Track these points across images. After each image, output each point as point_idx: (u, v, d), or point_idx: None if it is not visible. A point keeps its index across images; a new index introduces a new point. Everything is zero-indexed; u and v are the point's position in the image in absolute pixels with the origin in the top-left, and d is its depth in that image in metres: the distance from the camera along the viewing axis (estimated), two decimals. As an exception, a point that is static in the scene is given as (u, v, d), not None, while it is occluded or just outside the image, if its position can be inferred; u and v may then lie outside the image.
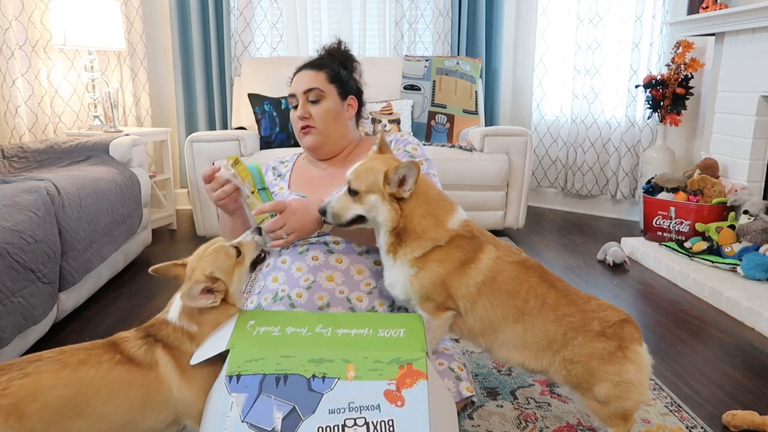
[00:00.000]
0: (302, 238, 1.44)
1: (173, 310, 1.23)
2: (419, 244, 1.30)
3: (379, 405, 1.03)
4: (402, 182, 1.28)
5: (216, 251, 1.26)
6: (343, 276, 1.51)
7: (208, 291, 1.20)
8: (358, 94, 1.74)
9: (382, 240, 1.34)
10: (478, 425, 1.59)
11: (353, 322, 1.23)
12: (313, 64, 1.68)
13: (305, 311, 1.42)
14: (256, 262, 1.34)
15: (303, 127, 1.64)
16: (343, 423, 1.02)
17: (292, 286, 1.50)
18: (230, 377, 1.09)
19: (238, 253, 1.28)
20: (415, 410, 1.02)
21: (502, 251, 1.34)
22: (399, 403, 1.04)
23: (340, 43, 1.76)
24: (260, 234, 1.36)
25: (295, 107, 1.66)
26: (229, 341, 1.15)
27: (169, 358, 1.15)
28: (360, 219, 1.33)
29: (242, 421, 1.04)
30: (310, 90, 1.63)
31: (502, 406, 1.69)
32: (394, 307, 1.51)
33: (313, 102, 1.63)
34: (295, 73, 1.69)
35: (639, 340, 1.32)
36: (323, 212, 1.35)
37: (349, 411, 1.03)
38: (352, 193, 1.31)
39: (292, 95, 1.66)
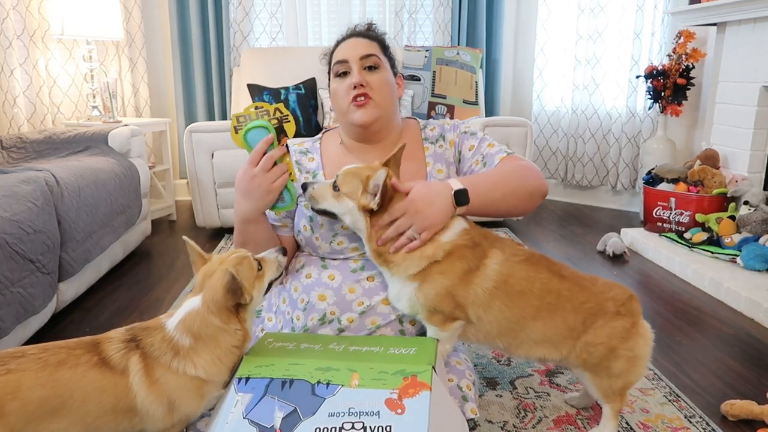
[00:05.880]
0: (437, 231, 1.27)
1: (177, 315, 1.16)
2: (411, 262, 1.26)
3: (378, 411, 1.04)
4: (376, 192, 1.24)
5: (239, 258, 1.19)
6: None
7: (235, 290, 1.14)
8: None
9: (365, 247, 1.32)
10: (477, 415, 1.60)
11: (367, 341, 1.27)
12: (362, 34, 1.48)
13: (325, 334, 1.38)
14: (271, 285, 1.28)
15: (357, 97, 1.40)
16: (341, 425, 1.02)
17: (344, 310, 1.37)
18: (239, 379, 1.13)
19: (260, 268, 1.22)
20: (414, 419, 1.02)
21: (508, 252, 1.32)
22: (399, 411, 1.04)
23: (371, 25, 1.56)
24: (284, 254, 1.29)
25: (341, 75, 1.44)
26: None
27: (140, 367, 1.10)
28: (333, 214, 1.31)
29: (244, 418, 1.07)
30: (367, 56, 1.42)
31: (501, 396, 1.69)
32: None
33: (370, 70, 1.43)
34: (338, 42, 1.49)
35: (641, 314, 1.39)
36: (305, 188, 1.32)
37: (349, 415, 1.04)
38: (336, 188, 1.29)
39: (342, 62, 1.43)
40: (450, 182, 1.31)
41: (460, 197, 1.28)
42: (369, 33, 1.49)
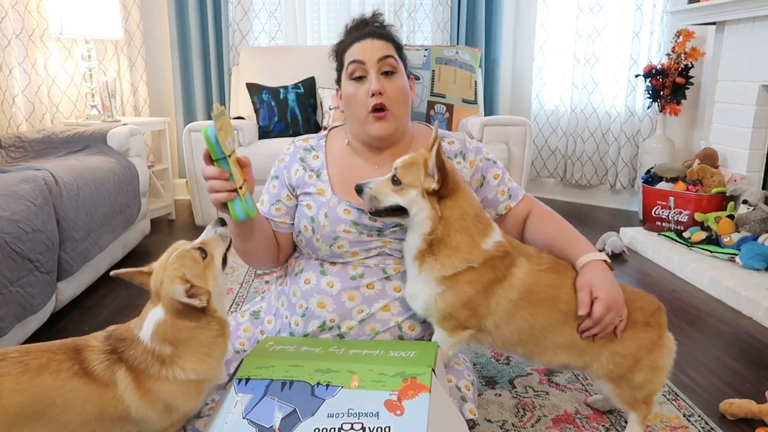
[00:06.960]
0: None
1: (146, 327, 1.12)
2: (451, 262, 1.24)
3: (378, 413, 1.04)
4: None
5: (179, 257, 1.15)
6: (400, 305, 1.38)
7: (190, 295, 1.10)
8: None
9: (413, 243, 1.28)
10: (476, 415, 1.60)
11: (367, 345, 1.27)
12: (376, 34, 1.41)
13: (325, 338, 1.38)
14: (226, 258, 1.23)
15: (376, 108, 1.37)
16: (340, 426, 1.03)
17: (343, 318, 1.37)
18: (239, 380, 1.14)
19: (204, 254, 1.18)
20: (413, 420, 1.02)
21: (534, 261, 1.31)
22: (398, 412, 1.04)
23: (377, 15, 1.50)
24: (223, 225, 1.24)
25: (356, 79, 1.38)
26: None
27: (129, 380, 1.07)
28: (399, 211, 1.27)
29: (243, 418, 1.08)
30: (385, 58, 1.37)
31: (500, 395, 1.70)
32: None
33: (387, 75, 1.38)
34: (352, 40, 1.42)
35: (666, 325, 1.38)
36: (359, 190, 1.27)
37: (348, 416, 1.04)
38: (396, 182, 1.26)
39: (359, 62, 1.37)
40: (594, 257, 1.36)
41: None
42: (384, 33, 1.45)
